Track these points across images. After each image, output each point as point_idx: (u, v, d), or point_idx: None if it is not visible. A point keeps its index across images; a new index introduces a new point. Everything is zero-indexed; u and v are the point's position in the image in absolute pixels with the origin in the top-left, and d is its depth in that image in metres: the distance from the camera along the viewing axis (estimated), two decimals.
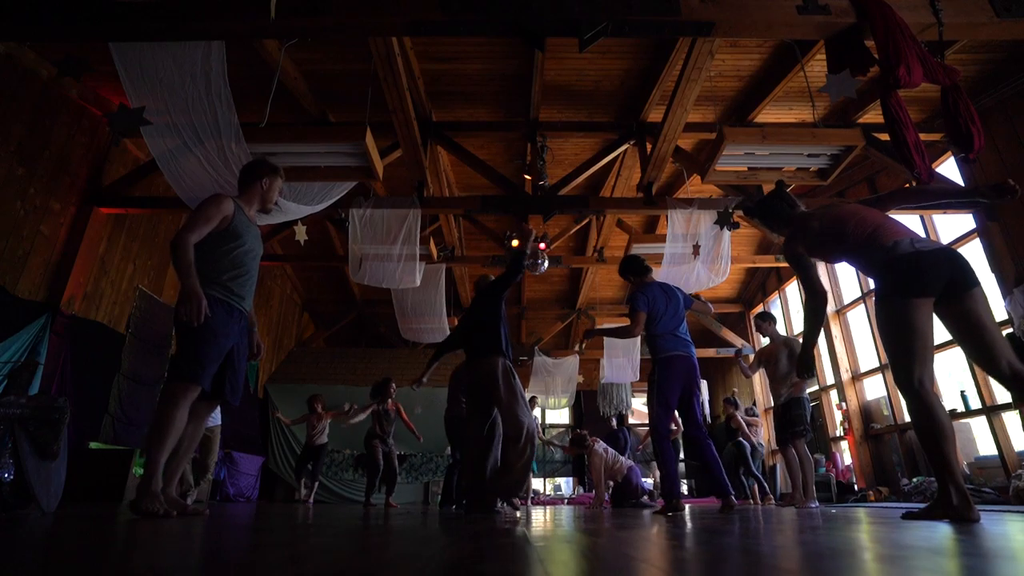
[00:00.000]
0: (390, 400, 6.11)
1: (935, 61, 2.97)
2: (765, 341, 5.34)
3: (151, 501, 2.17)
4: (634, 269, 3.82)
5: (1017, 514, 2.91)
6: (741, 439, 6.57)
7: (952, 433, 2.05)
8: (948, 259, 2.10)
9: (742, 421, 6.72)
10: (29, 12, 3.12)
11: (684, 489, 10.74)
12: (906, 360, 2.08)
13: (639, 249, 6.68)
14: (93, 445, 5.12)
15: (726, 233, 5.63)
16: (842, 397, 7.69)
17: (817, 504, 4.87)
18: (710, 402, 10.63)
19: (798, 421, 4.81)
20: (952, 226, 6.20)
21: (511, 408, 3.22)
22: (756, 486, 6.47)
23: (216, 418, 4.78)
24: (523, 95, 5.62)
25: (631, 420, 10.75)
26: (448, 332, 6.86)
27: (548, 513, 3.97)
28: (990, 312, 2.10)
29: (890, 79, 2.90)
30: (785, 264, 8.29)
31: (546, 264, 6.83)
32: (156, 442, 2.24)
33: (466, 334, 3.59)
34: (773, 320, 5.26)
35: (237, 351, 2.55)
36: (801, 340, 2.59)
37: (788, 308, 9.39)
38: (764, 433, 8.07)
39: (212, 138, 3.62)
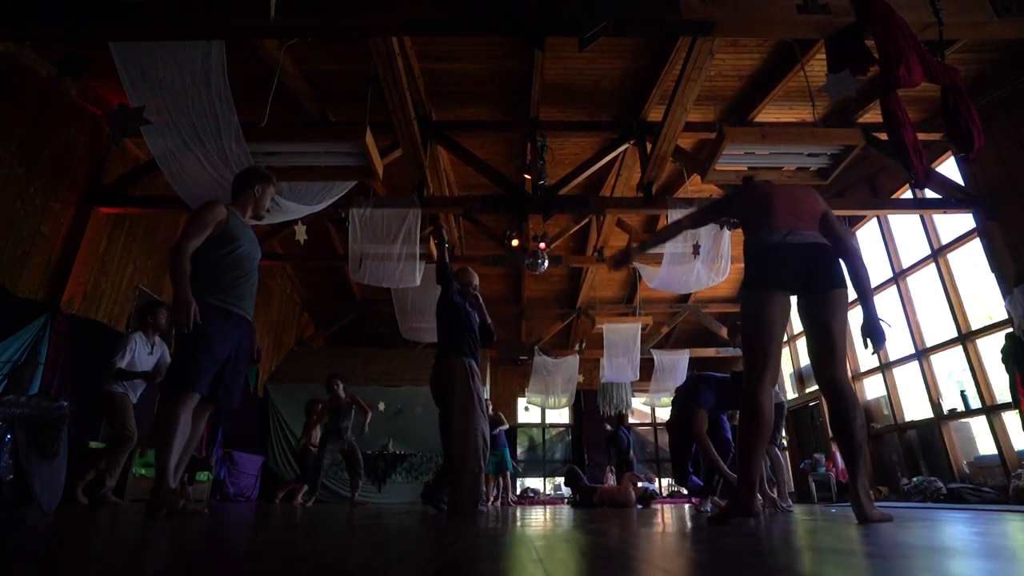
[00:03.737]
0: (341, 395, 6.10)
1: (935, 60, 2.96)
2: None
3: (168, 502, 2.26)
4: None
5: (1017, 513, 2.91)
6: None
7: (768, 434, 2.04)
8: (809, 256, 2.10)
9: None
10: (29, 11, 3.12)
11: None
12: (751, 354, 2.05)
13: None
14: (93, 445, 5.12)
15: (726, 232, 5.64)
16: None
17: (791, 504, 4.98)
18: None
19: (776, 426, 4.92)
20: (952, 225, 6.20)
21: (464, 416, 3.21)
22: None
23: (135, 395, 4.47)
24: (523, 94, 5.62)
25: (631, 419, 10.75)
26: None
27: (545, 512, 3.97)
28: (840, 319, 2.08)
29: (890, 78, 2.89)
30: None
31: (546, 264, 6.83)
32: (163, 448, 2.30)
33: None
34: None
35: (236, 355, 2.57)
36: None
37: None
38: None
39: (212, 138, 3.62)
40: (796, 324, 9.16)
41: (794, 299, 2.24)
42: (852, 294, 2.17)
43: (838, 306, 2.10)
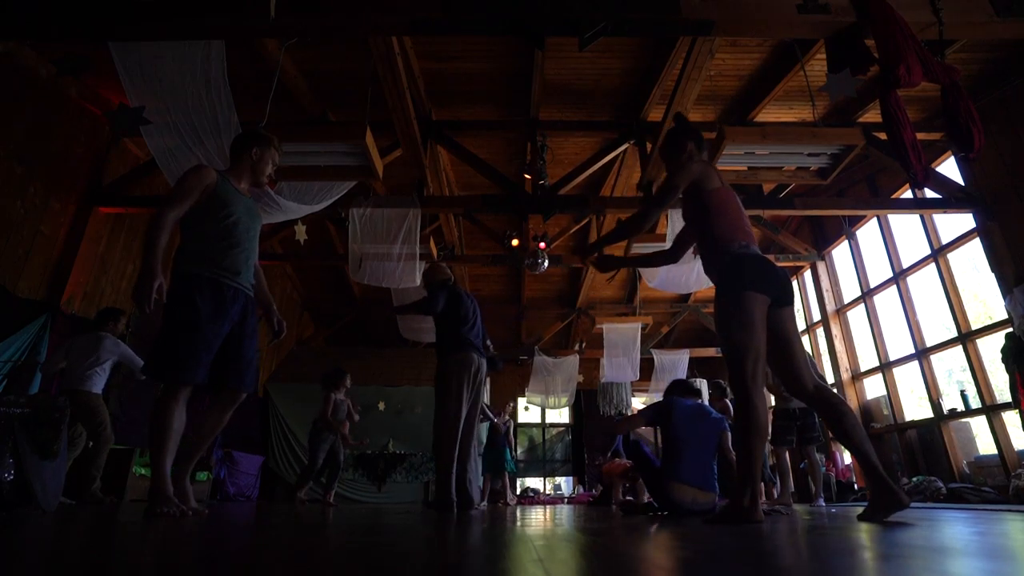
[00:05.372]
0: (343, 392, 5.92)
1: (935, 60, 2.97)
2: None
3: (165, 504, 2.16)
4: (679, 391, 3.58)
5: (1017, 513, 2.91)
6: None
7: (765, 436, 2.08)
8: (782, 272, 2.20)
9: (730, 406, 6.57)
10: (29, 11, 3.12)
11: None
12: (745, 355, 2.04)
13: (639, 249, 6.67)
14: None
15: None
16: (842, 397, 7.69)
17: (824, 502, 5.06)
18: (710, 402, 10.63)
19: (813, 427, 5.05)
20: (952, 225, 6.20)
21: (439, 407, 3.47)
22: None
23: (98, 385, 4.23)
24: (523, 94, 5.62)
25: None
26: None
27: (545, 512, 3.98)
28: (798, 331, 2.23)
29: (890, 78, 2.90)
30: (787, 263, 8.28)
31: (546, 263, 6.82)
32: (156, 448, 2.19)
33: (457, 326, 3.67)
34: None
35: (240, 333, 2.36)
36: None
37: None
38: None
39: (212, 137, 3.63)
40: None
41: None
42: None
43: (795, 320, 2.23)
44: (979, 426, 5.97)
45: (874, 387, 7.54)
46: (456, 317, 3.64)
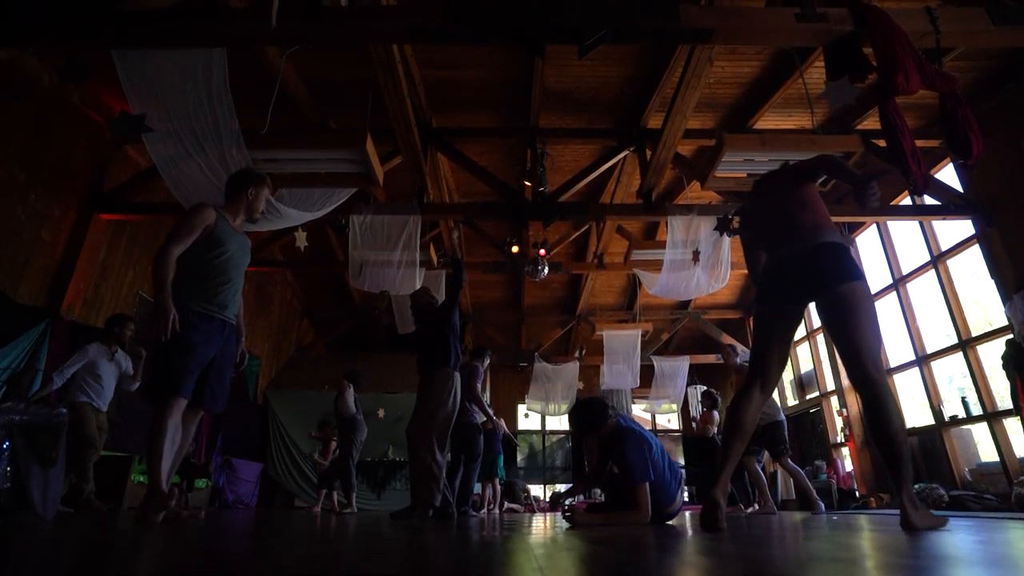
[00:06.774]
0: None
1: (933, 68, 2.98)
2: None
3: (160, 508, 2.28)
4: (598, 421, 2.98)
5: (1020, 521, 2.89)
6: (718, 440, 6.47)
7: (744, 438, 2.19)
8: (802, 266, 2.13)
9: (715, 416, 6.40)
10: (31, 18, 3.14)
11: (685, 495, 10.68)
12: (749, 364, 2.28)
13: (639, 255, 6.68)
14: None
15: (726, 239, 5.64)
16: (843, 403, 7.67)
17: (824, 508, 5.09)
18: (700, 407, 10.60)
19: (780, 441, 5.03)
20: (952, 232, 6.21)
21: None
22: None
23: (83, 395, 4.23)
24: (523, 102, 5.64)
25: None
26: None
27: (545, 520, 3.95)
28: (858, 314, 1.98)
29: (888, 86, 2.91)
30: None
31: (546, 270, 6.83)
32: (154, 454, 2.33)
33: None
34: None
35: (220, 359, 2.58)
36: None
37: None
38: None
39: (213, 144, 3.63)
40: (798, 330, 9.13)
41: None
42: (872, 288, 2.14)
43: (852, 301, 1.99)
44: (980, 433, 5.95)
45: None
46: (456, 334, 3.81)
